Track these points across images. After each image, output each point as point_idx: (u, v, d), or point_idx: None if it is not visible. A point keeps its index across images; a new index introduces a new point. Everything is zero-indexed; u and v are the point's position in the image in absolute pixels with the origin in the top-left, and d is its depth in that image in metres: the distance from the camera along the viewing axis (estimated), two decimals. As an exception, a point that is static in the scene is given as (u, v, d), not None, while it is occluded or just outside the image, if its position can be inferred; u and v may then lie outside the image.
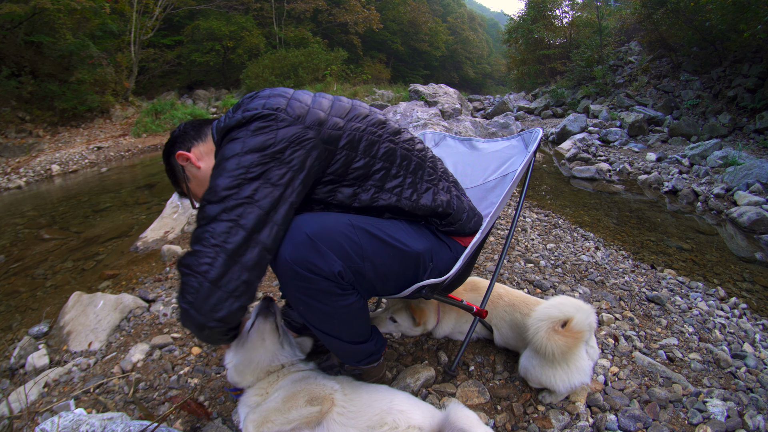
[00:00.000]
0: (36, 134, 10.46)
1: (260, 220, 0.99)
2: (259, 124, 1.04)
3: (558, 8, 20.48)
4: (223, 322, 1.00)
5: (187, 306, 0.99)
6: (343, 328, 1.18)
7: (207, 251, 0.97)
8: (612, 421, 1.37)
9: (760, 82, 8.45)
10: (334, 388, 1.22)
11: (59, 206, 5.79)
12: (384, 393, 1.26)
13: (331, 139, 1.11)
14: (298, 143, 1.04)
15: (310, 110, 1.11)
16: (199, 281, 0.96)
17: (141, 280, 2.88)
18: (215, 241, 0.97)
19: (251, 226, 0.98)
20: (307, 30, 23.29)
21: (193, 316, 0.99)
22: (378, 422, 1.14)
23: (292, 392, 1.19)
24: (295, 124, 1.06)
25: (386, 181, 1.18)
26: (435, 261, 1.25)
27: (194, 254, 0.98)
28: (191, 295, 0.97)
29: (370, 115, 1.21)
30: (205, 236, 0.98)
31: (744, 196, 4.77)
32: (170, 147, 1.29)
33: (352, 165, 1.14)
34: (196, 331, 1.04)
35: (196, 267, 0.97)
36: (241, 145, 1.02)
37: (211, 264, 0.96)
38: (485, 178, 1.73)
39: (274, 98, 1.10)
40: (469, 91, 28.67)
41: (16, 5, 9.60)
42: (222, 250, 0.96)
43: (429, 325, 1.67)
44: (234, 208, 0.98)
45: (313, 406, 1.14)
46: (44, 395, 1.67)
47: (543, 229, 3.61)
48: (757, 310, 2.68)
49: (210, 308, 0.98)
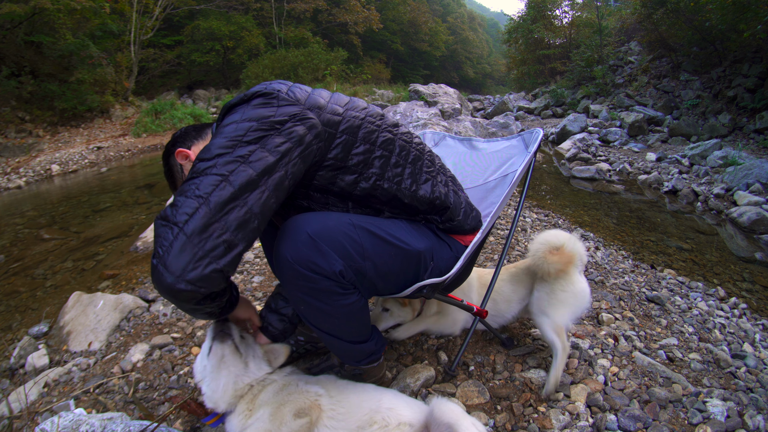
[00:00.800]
0: (36, 134, 10.46)
1: (251, 181, 0.93)
2: (261, 100, 1.04)
3: (558, 8, 20.51)
4: (194, 285, 0.86)
5: (156, 261, 0.86)
6: (343, 327, 1.17)
7: (189, 201, 0.88)
8: (612, 421, 1.37)
9: (760, 82, 8.46)
10: (318, 394, 1.20)
11: (59, 206, 5.79)
12: (371, 392, 1.26)
13: (330, 123, 1.11)
14: (299, 119, 1.04)
15: (311, 96, 1.13)
16: (174, 233, 0.86)
17: (141, 280, 2.88)
18: (199, 192, 0.89)
19: (240, 184, 0.91)
20: (307, 30, 23.28)
21: (162, 274, 0.85)
22: (368, 421, 1.15)
23: (276, 406, 1.16)
24: (296, 105, 1.06)
25: (386, 170, 1.19)
26: (435, 260, 1.25)
27: (174, 205, 0.90)
28: (162, 248, 0.86)
29: (368, 108, 1.24)
30: (190, 188, 0.91)
31: (744, 196, 4.77)
32: (171, 147, 1.30)
33: (353, 151, 1.14)
34: (166, 294, 0.88)
35: (173, 217, 0.88)
36: (240, 115, 1.02)
37: (190, 215, 0.87)
38: (485, 178, 1.73)
39: (275, 84, 1.11)
40: (469, 91, 28.69)
41: (16, 5, 9.61)
42: (205, 202, 0.88)
43: (416, 304, 1.71)
44: (225, 165, 0.93)
45: (302, 418, 1.11)
46: (44, 395, 1.67)
47: (543, 229, 3.61)
48: (757, 310, 2.68)
49: (182, 266, 0.85)
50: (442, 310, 1.73)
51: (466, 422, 1.10)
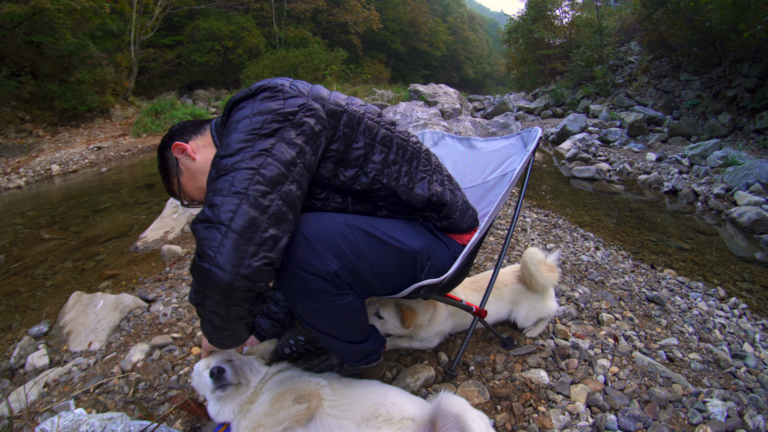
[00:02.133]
0: (36, 134, 10.46)
1: (281, 173, 0.94)
2: (267, 94, 1.05)
3: (558, 8, 20.50)
4: (251, 280, 0.88)
5: (208, 264, 0.86)
6: (340, 327, 1.17)
7: (229, 199, 0.88)
8: (612, 421, 1.37)
9: (760, 82, 8.45)
10: (320, 384, 1.23)
11: (59, 206, 5.79)
12: (376, 386, 1.27)
13: (334, 114, 1.13)
14: (308, 109, 1.05)
15: (312, 88, 1.15)
16: (223, 232, 0.86)
17: (141, 280, 2.88)
18: (236, 189, 0.89)
19: (271, 177, 0.92)
20: (307, 30, 23.28)
21: (217, 275, 0.85)
22: (373, 414, 1.16)
23: (278, 393, 1.19)
24: (301, 96, 1.08)
25: (385, 166, 1.20)
26: (433, 260, 1.25)
27: (213, 204, 0.89)
28: (212, 250, 0.86)
29: (367, 105, 1.26)
30: (223, 185, 0.90)
31: (744, 196, 4.77)
32: (168, 140, 1.28)
33: (353, 145, 1.16)
34: (223, 295, 0.89)
35: (216, 217, 0.87)
36: (251, 109, 1.02)
37: (234, 212, 0.87)
38: (484, 177, 1.73)
39: (277, 79, 1.13)
40: (469, 91, 28.69)
41: (16, 5, 9.61)
42: (245, 198, 0.88)
43: (417, 319, 1.61)
44: (252, 158, 0.93)
45: (301, 404, 1.14)
46: (44, 395, 1.67)
47: (543, 229, 3.61)
48: (757, 310, 2.68)
49: (237, 262, 0.86)
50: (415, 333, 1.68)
51: (472, 414, 1.12)
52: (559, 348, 1.75)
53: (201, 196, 1.30)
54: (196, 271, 0.90)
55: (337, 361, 1.51)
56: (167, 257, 3.15)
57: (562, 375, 1.59)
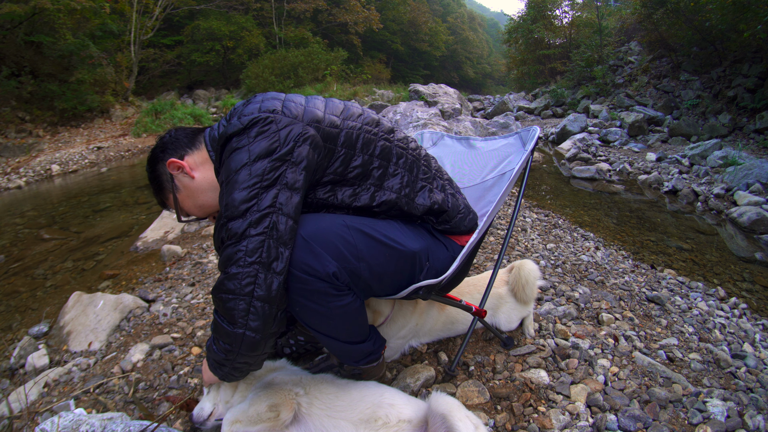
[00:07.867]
0: (36, 134, 10.46)
1: (291, 228, 1.01)
2: (260, 129, 1.03)
3: (558, 8, 20.47)
4: (275, 334, 1.07)
5: (242, 330, 0.99)
6: (339, 328, 1.17)
7: (246, 271, 0.96)
8: (612, 421, 1.37)
9: (760, 82, 8.45)
10: (297, 393, 1.22)
11: (59, 206, 5.79)
12: (374, 387, 1.27)
13: (329, 137, 1.11)
14: (302, 139, 1.05)
15: (306, 109, 1.12)
16: (248, 302, 0.97)
17: (141, 280, 2.88)
18: (251, 259, 0.96)
19: (280, 235, 0.99)
20: (307, 30, 23.28)
21: (252, 338, 1.00)
22: (370, 416, 1.16)
23: (258, 396, 1.22)
24: (295, 123, 1.06)
25: (385, 180, 1.19)
26: (431, 260, 1.25)
27: (232, 277, 0.97)
28: (243, 318, 0.98)
29: (364, 114, 1.23)
30: (238, 255, 0.97)
31: (744, 196, 4.77)
32: (160, 153, 1.22)
33: (351, 164, 1.15)
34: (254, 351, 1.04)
35: (241, 290, 0.97)
36: (248, 155, 1.01)
37: (254, 283, 0.97)
38: (483, 176, 1.73)
39: (269, 101, 1.10)
40: (469, 91, 28.65)
41: (16, 5, 9.60)
42: (261, 267, 0.97)
43: (377, 322, 1.56)
44: (260, 221, 0.98)
45: (272, 411, 1.16)
46: (44, 395, 1.67)
47: (543, 229, 3.60)
48: (757, 310, 2.68)
49: (267, 326, 1.01)
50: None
51: (459, 413, 1.12)
52: (559, 348, 1.75)
53: (200, 213, 1.28)
54: (228, 336, 1.01)
55: (337, 361, 1.51)
56: (167, 257, 3.15)
57: (562, 375, 1.59)
